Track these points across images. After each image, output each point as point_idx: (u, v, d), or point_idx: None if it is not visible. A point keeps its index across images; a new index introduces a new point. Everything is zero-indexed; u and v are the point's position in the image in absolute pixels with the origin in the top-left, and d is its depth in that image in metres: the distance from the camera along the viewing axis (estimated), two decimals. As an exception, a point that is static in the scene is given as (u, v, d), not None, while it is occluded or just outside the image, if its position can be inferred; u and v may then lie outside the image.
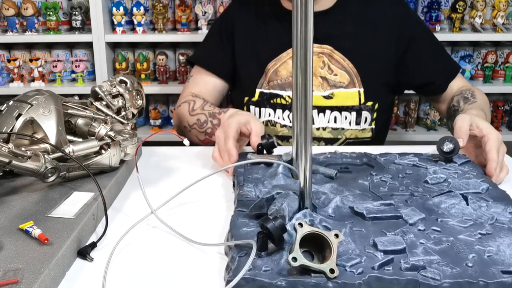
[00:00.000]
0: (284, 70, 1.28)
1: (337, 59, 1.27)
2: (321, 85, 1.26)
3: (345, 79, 1.26)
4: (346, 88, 1.26)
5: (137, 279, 0.63)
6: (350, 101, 1.27)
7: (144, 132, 2.22)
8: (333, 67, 1.26)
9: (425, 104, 2.27)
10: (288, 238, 0.62)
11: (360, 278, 0.56)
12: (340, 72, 1.26)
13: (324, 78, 1.26)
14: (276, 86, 1.28)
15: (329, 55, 1.26)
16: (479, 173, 0.85)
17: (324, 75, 1.26)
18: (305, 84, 0.65)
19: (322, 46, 1.27)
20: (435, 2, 2.12)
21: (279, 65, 1.28)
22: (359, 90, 1.27)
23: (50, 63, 2.15)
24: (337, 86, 1.26)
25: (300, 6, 0.62)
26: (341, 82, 1.26)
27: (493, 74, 2.22)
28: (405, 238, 0.64)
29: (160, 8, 2.08)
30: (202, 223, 0.77)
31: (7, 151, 0.71)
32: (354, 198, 0.77)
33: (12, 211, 0.72)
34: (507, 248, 0.62)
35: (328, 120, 1.27)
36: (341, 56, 1.27)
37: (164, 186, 0.90)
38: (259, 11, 1.34)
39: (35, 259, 0.59)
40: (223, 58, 1.37)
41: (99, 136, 0.89)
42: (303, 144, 0.68)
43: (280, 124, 1.29)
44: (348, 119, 1.27)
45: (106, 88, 0.96)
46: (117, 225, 0.76)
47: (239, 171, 0.87)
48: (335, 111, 1.26)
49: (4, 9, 2.06)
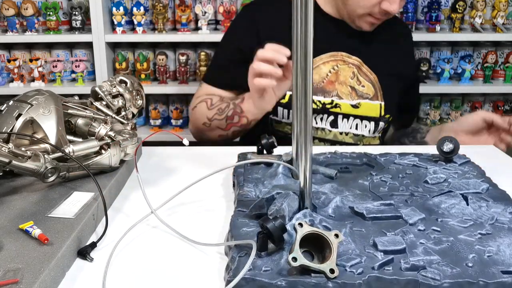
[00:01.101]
0: (316, 75, 1.31)
1: (364, 72, 1.35)
2: (350, 94, 1.33)
3: (371, 91, 1.34)
4: (371, 100, 1.34)
5: (137, 279, 0.63)
6: (373, 112, 1.35)
7: (144, 132, 2.22)
8: (361, 78, 1.34)
9: (425, 104, 2.27)
10: (288, 238, 0.62)
11: (360, 278, 0.56)
12: (367, 84, 1.34)
13: (353, 88, 1.33)
14: None
15: (358, 67, 1.34)
16: (479, 173, 0.85)
17: (353, 85, 1.33)
18: (305, 84, 0.65)
19: (352, 57, 1.34)
20: (435, 2, 2.12)
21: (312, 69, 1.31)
22: (381, 103, 1.36)
23: (50, 63, 2.15)
24: (363, 97, 1.34)
25: (300, 6, 0.62)
26: (367, 94, 1.34)
27: (493, 74, 2.22)
28: (405, 238, 0.64)
29: (160, 8, 2.08)
30: (202, 223, 0.77)
31: (7, 151, 0.71)
32: (354, 198, 0.76)
33: (12, 211, 0.72)
34: (507, 248, 0.62)
35: (351, 126, 1.34)
36: (368, 70, 1.35)
37: (164, 186, 0.90)
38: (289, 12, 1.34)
39: (35, 259, 0.59)
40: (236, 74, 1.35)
41: (99, 136, 0.89)
42: (303, 144, 0.68)
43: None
44: (368, 127, 1.35)
45: (106, 88, 0.96)
46: (117, 225, 0.76)
47: (239, 171, 0.87)
48: (357, 119, 1.33)
49: (4, 9, 2.06)
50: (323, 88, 1.31)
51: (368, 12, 1.28)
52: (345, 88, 1.32)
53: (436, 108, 2.24)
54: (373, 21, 1.31)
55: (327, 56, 1.32)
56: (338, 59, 1.33)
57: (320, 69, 1.31)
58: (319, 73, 1.31)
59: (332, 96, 1.32)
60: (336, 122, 1.32)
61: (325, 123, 1.32)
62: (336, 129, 1.33)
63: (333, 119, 1.32)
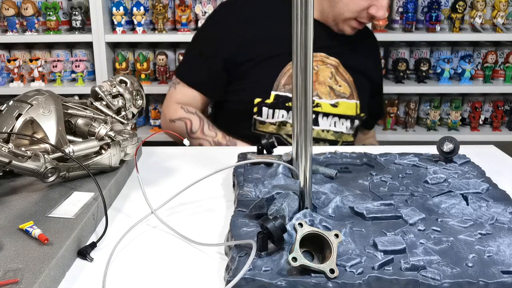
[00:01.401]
0: None
1: (341, 72, 1.39)
2: (329, 94, 1.37)
3: (347, 91, 1.39)
4: (348, 99, 1.39)
5: (137, 279, 0.63)
6: (350, 111, 1.40)
7: (144, 132, 2.22)
8: (338, 78, 1.39)
9: (425, 104, 2.27)
10: (288, 238, 0.62)
11: (360, 278, 0.56)
12: (343, 84, 1.39)
13: (331, 87, 1.37)
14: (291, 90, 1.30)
15: (336, 67, 1.38)
16: (479, 173, 0.85)
17: (331, 85, 1.37)
18: (305, 84, 0.65)
19: (331, 58, 1.38)
20: (435, 2, 2.12)
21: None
22: (357, 102, 1.41)
23: (50, 63, 2.15)
24: (341, 96, 1.38)
25: (300, 6, 0.62)
26: (344, 93, 1.39)
27: (493, 74, 2.22)
28: (405, 238, 0.64)
29: (160, 8, 2.08)
30: (202, 223, 0.77)
31: (7, 151, 0.71)
32: (354, 198, 0.76)
33: (12, 211, 0.72)
34: (507, 248, 0.62)
35: (330, 124, 1.38)
36: (344, 70, 1.39)
37: (164, 186, 0.90)
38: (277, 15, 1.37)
39: (35, 259, 0.59)
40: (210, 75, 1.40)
41: (99, 136, 0.89)
42: (303, 144, 0.68)
43: (290, 124, 1.34)
44: (345, 125, 1.40)
45: (106, 88, 0.96)
46: (117, 225, 0.76)
47: (239, 171, 0.87)
48: (336, 117, 1.38)
49: (4, 9, 2.06)
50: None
51: (355, 16, 1.33)
52: (324, 88, 1.36)
53: (436, 108, 2.24)
54: (357, 26, 1.36)
55: None
56: (317, 59, 1.37)
57: None
58: None
59: (313, 96, 1.35)
60: (317, 120, 1.37)
61: None
62: (318, 127, 1.37)
63: (314, 118, 1.36)
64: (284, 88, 1.33)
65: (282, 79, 1.33)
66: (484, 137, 2.21)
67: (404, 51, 2.24)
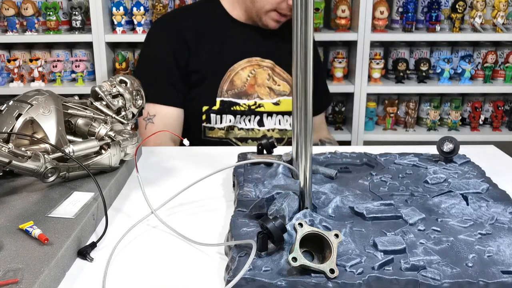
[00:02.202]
0: (238, 80, 1.42)
1: (278, 72, 1.46)
2: (269, 94, 1.44)
3: (287, 89, 1.46)
4: (288, 96, 1.45)
5: (137, 279, 0.63)
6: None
7: (144, 132, 2.22)
8: (276, 79, 1.46)
9: (425, 104, 2.27)
10: (288, 238, 0.62)
11: (360, 278, 0.56)
12: (282, 83, 1.46)
13: (270, 88, 1.44)
14: (234, 95, 1.40)
15: (272, 69, 1.45)
16: (479, 173, 0.85)
17: (270, 86, 1.44)
18: (305, 84, 0.65)
19: (266, 60, 1.44)
20: (435, 2, 2.12)
21: (233, 75, 1.41)
22: None
23: (50, 63, 2.15)
24: (281, 94, 1.45)
25: (300, 6, 0.62)
26: (284, 91, 1.46)
27: (493, 74, 2.22)
28: (405, 238, 0.64)
29: (160, 8, 2.08)
30: (202, 223, 0.77)
31: (7, 151, 0.71)
32: (354, 198, 0.76)
33: (12, 211, 0.72)
34: (507, 248, 0.62)
35: (275, 123, 1.45)
36: (281, 70, 1.47)
37: (164, 186, 0.90)
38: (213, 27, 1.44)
39: (35, 259, 0.59)
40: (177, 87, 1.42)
41: (99, 136, 0.89)
42: (303, 144, 0.68)
43: (237, 127, 1.42)
44: (288, 121, 1.46)
45: (106, 88, 0.96)
46: (117, 225, 0.76)
47: (239, 171, 0.87)
48: (279, 115, 1.45)
49: (4, 9, 2.06)
50: (246, 91, 1.42)
51: (274, 8, 1.37)
52: (263, 90, 1.43)
53: (436, 108, 2.23)
54: (278, 18, 1.40)
55: (244, 62, 1.42)
56: (253, 63, 1.43)
57: (240, 74, 1.41)
58: (240, 78, 1.41)
59: (254, 98, 1.42)
60: (262, 121, 1.43)
61: (253, 123, 1.43)
62: (263, 127, 1.44)
63: (259, 119, 1.43)
64: (227, 93, 1.40)
65: (224, 86, 1.40)
66: (484, 137, 2.20)
67: (404, 51, 2.24)
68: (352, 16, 2.11)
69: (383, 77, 2.22)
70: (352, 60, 2.13)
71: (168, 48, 1.41)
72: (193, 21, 1.43)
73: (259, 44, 1.45)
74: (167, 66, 1.41)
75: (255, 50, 1.43)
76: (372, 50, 2.14)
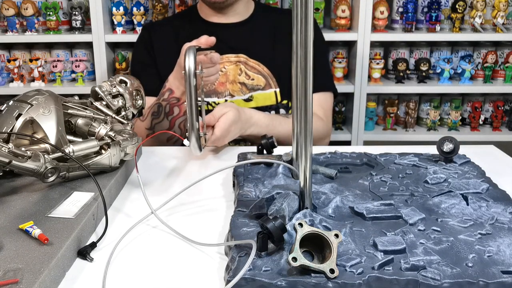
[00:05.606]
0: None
1: (252, 65, 1.43)
2: (241, 90, 1.41)
3: (262, 82, 1.42)
4: (263, 90, 1.42)
5: (137, 279, 0.63)
6: (268, 101, 1.42)
7: (144, 132, 2.22)
8: (250, 73, 1.43)
9: (425, 104, 2.27)
10: (288, 238, 0.62)
11: (360, 278, 0.56)
12: (256, 76, 1.43)
13: (242, 83, 1.42)
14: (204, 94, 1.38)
15: (245, 62, 1.43)
16: (479, 173, 0.85)
17: (242, 81, 1.42)
18: (305, 84, 0.65)
19: (238, 55, 1.43)
20: (435, 2, 2.12)
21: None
22: (276, 90, 1.43)
23: (50, 63, 2.14)
24: (255, 89, 1.42)
25: (300, 6, 0.62)
26: (258, 85, 1.42)
27: (493, 74, 2.22)
28: (405, 238, 0.64)
29: (160, 8, 2.08)
30: (202, 223, 0.77)
31: (7, 151, 0.71)
32: (354, 198, 0.76)
33: (12, 211, 0.72)
34: (507, 248, 0.62)
35: None
36: (255, 62, 1.43)
37: (164, 186, 0.90)
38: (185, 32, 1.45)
39: (35, 259, 0.59)
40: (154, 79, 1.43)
41: (99, 136, 0.89)
42: (303, 144, 0.68)
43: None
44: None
45: (106, 88, 0.96)
46: (117, 225, 0.76)
47: (239, 171, 0.87)
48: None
49: (4, 9, 2.06)
50: (216, 90, 1.42)
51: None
52: (235, 86, 1.41)
53: (436, 108, 2.23)
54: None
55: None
56: (224, 60, 1.42)
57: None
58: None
59: (225, 96, 1.41)
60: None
61: None
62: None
63: None
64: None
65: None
66: (484, 137, 2.20)
67: (404, 51, 2.24)
68: (352, 16, 2.11)
69: (383, 77, 2.22)
70: (352, 60, 2.13)
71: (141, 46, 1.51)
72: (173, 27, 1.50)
73: (230, 41, 1.43)
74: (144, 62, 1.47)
75: (226, 47, 1.41)
76: (372, 50, 2.14)
